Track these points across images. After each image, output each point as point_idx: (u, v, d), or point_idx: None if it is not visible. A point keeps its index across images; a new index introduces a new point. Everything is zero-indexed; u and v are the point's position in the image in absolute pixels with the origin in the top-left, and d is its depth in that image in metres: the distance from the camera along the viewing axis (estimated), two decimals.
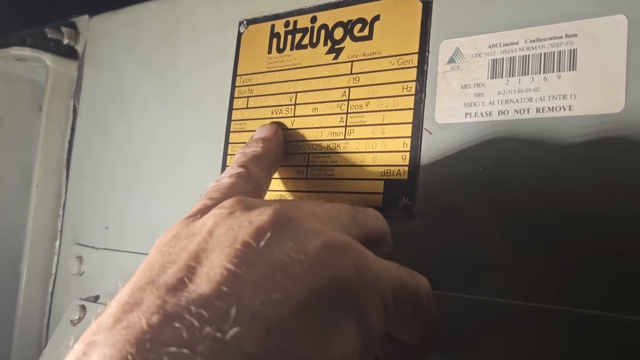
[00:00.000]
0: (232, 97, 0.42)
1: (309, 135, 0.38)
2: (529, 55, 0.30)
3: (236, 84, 0.42)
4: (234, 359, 0.17)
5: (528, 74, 0.30)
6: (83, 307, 0.47)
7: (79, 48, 0.57)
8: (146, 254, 0.23)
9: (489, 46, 0.31)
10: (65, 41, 0.56)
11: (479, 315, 0.30)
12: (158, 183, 0.46)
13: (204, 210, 0.25)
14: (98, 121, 0.53)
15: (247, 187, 0.31)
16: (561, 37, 0.29)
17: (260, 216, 0.22)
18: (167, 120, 0.47)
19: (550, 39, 0.30)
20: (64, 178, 0.55)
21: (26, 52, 0.54)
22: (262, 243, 0.21)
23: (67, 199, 0.54)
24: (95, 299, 0.48)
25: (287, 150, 0.38)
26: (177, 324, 0.18)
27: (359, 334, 0.21)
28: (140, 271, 0.21)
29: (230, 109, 0.42)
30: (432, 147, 0.33)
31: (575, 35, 0.29)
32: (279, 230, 0.21)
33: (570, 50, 0.29)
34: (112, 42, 0.53)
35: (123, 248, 0.48)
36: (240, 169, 0.32)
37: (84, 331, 0.19)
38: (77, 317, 0.46)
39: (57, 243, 0.54)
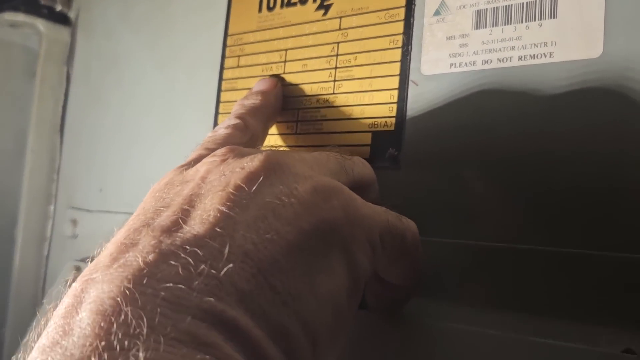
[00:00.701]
0: (223, 57, 0.43)
1: (299, 91, 0.38)
2: (511, 5, 0.31)
3: (227, 44, 0.43)
4: (228, 293, 0.18)
5: (511, 23, 0.31)
6: (78, 268, 0.48)
7: (71, 15, 0.57)
8: None
9: None
10: (58, 7, 0.56)
11: (465, 259, 0.31)
12: (151, 144, 0.47)
13: (197, 159, 0.26)
14: (91, 87, 0.54)
15: (243, 139, 0.32)
16: None
17: (252, 162, 0.22)
18: (160, 82, 0.47)
19: None
20: (58, 143, 0.55)
21: (19, 17, 0.54)
22: (254, 187, 0.21)
23: (62, 163, 0.55)
24: (91, 260, 0.49)
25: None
26: (172, 262, 0.18)
27: (347, 272, 0.22)
28: (135, 215, 0.22)
29: (222, 68, 0.43)
30: (419, 99, 0.33)
31: None
32: (270, 175, 0.22)
33: None
34: (105, 9, 0.54)
35: (117, 209, 0.49)
36: (237, 121, 0.32)
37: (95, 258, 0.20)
38: (72, 278, 0.47)
39: (52, 207, 0.55)
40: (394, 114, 0.34)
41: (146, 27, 0.50)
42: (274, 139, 0.39)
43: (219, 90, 0.43)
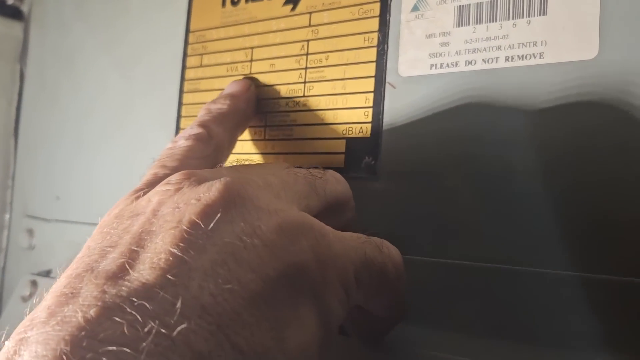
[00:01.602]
0: (184, 55, 0.40)
1: (267, 93, 0.35)
2: (497, 0, 0.28)
3: (189, 41, 0.39)
4: (182, 356, 0.15)
5: (496, 21, 0.28)
6: (34, 283, 0.45)
7: (24, 8, 0.53)
8: None
9: None
10: (10, 1, 0.52)
11: (446, 280, 0.28)
12: (110, 149, 0.44)
13: (153, 182, 0.23)
14: (47, 85, 0.50)
15: (206, 151, 0.29)
16: None
17: (208, 192, 0.20)
18: (118, 80, 0.44)
19: None
20: (13, 147, 0.52)
21: None
22: (211, 224, 0.18)
23: (17, 169, 0.51)
24: (47, 273, 0.45)
25: None
26: (117, 319, 0.16)
27: (318, 321, 0.20)
28: (80, 257, 0.19)
29: (183, 67, 0.40)
30: (396, 102, 0.30)
31: None
32: (230, 209, 0.19)
33: None
34: (60, 2, 0.50)
35: (75, 219, 0.45)
36: (200, 130, 0.29)
37: (33, 309, 0.17)
38: (27, 293, 0.44)
39: (7, 216, 0.51)
40: (369, 119, 0.31)
41: (102, 23, 0.46)
42: (240, 145, 0.36)
43: (181, 91, 0.39)
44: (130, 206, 0.21)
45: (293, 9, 0.35)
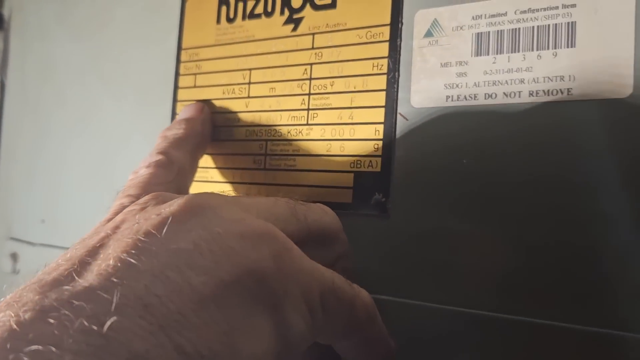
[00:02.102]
0: (177, 74, 0.37)
1: (267, 119, 0.33)
2: (519, 28, 0.26)
3: (181, 59, 0.37)
4: (113, 354, 0.15)
5: (519, 51, 0.26)
6: None
7: (5, 13, 0.50)
8: None
9: (473, 17, 0.27)
10: None
11: (455, 329, 0.26)
12: (99, 171, 0.41)
13: (119, 211, 0.23)
14: (29, 99, 0.47)
15: (168, 177, 0.28)
16: (557, 8, 0.25)
17: (170, 207, 0.20)
18: (106, 99, 0.41)
19: (545, 9, 0.25)
20: None
21: None
22: (169, 232, 0.18)
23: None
24: None
25: (242, 136, 0.34)
26: (51, 320, 0.15)
27: (276, 334, 0.19)
28: (35, 276, 0.19)
29: (176, 87, 0.37)
30: (409, 135, 0.28)
31: (573, 5, 0.25)
32: (190, 219, 0.19)
33: (569, 23, 0.25)
34: (41, 9, 0.47)
35: (63, 244, 0.43)
36: (160, 157, 0.29)
37: None
38: None
39: None
40: (379, 152, 0.29)
41: (87, 34, 0.43)
42: (240, 174, 0.34)
43: (174, 113, 0.37)
44: (96, 229, 0.21)
45: (294, 29, 0.32)
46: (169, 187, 0.28)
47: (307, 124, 0.31)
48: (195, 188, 0.35)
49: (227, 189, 0.34)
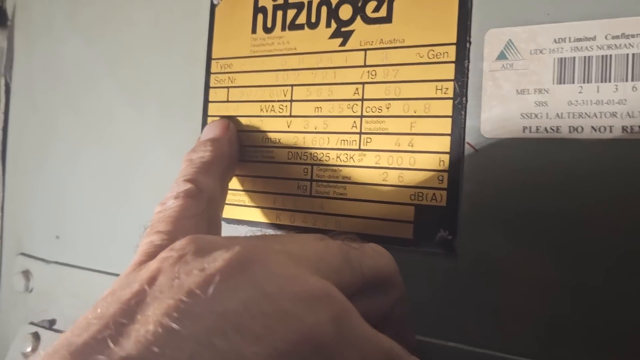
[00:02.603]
0: (207, 87, 0.34)
1: (312, 141, 0.30)
2: (610, 55, 0.23)
3: (212, 70, 0.34)
4: None
5: (610, 81, 0.23)
6: (36, 335, 0.40)
7: (8, 9, 0.46)
8: (109, 273, 0.17)
9: (555, 40, 0.24)
10: None
11: None
12: (116, 185, 0.39)
13: (151, 253, 0.21)
14: (37, 104, 0.44)
15: (199, 208, 0.26)
16: None
17: (214, 262, 0.17)
18: (126, 109, 0.38)
19: None
20: (0, 173, 0.46)
21: None
22: (212, 291, 0.16)
23: (5, 198, 0.46)
24: (50, 324, 0.40)
25: (283, 159, 0.31)
26: None
27: None
28: (63, 335, 0.17)
29: (206, 101, 0.34)
30: (479, 168, 0.26)
31: None
32: (237, 275, 0.17)
33: None
34: (49, 6, 0.44)
35: (80, 263, 0.40)
36: (188, 185, 0.27)
37: None
38: (29, 349, 0.39)
39: None
40: (445, 185, 0.27)
41: (101, 36, 0.40)
42: (280, 200, 0.31)
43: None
44: (127, 277, 0.19)
45: (343, 43, 0.30)
46: (201, 219, 0.26)
47: (360, 149, 0.29)
48: (228, 212, 0.33)
49: (267, 215, 0.31)
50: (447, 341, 0.26)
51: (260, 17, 0.32)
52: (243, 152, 0.32)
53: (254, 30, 0.33)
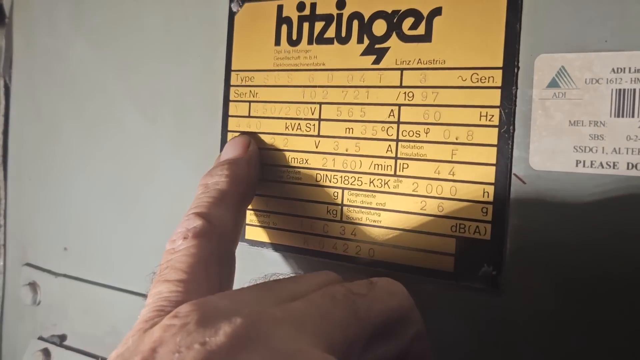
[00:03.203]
0: (226, 100, 0.32)
1: (342, 163, 0.29)
2: None
3: (231, 83, 0.32)
4: None
5: None
6: (46, 352, 0.38)
7: (5, 5, 0.44)
8: (122, 289, 0.20)
9: (613, 70, 0.23)
10: None
11: None
12: (131, 200, 0.37)
13: (160, 308, 0.21)
14: (40, 108, 0.42)
15: (209, 247, 0.25)
16: None
17: (215, 336, 0.17)
18: (137, 118, 0.36)
19: None
20: (2, 178, 0.44)
21: None
22: None
23: (8, 204, 0.44)
24: (61, 339, 0.39)
25: (311, 181, 0.30)
26: None
27: None
28: None
29: (225, 115, 0.32)
30: (527, 202, 0.24)
31: None
32: (239, 353, 0.17)
33: None
34: (51, 6, 0.41)
35: (90, 277, 0.39)
36: (198, 222, 0.25)
37: None
38: None
39: (1, 261, 0.44)
40: (489, 217, 0.25)
41: (109, 40, 0.38)
42: (308, 223, 0.30)
43: (224, 143, 0.32)
44: (133, 345, 0.19)
45: (377, 61, 0.28)
46: (211, 262, 0.24)
47: (395, 175, 0.27)
48: (253, 234, 0.31)
49: (294, 239, 0.30)
50: None
51: (284, 28, 0.30)
52: (266, 171, 0.31)
53: (277, 42, 0.31)
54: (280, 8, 0.31)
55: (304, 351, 0.17)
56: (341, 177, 0.29)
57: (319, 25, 0.29)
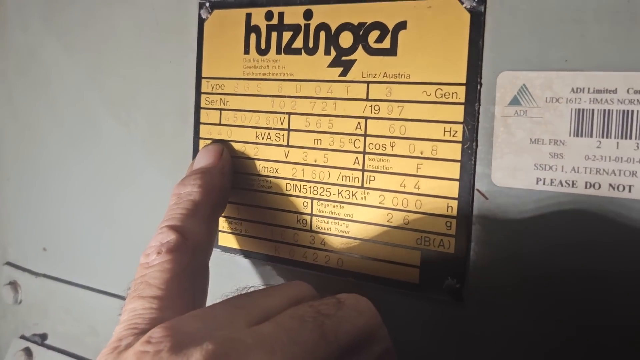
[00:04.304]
0: (197, 106, 0.32)
1: (311, 174, 0.29)
2: (632, 111, 0.22)
3: (202, 90, 0.32)
4: None
5: (631, 137, 0.22)
6: (28, 352, 0.39)
7: None
8: (100, 291, 0.20)
9: (573, 90, 0.23)
10: None
11: None
12: (107, 202, 0.37)
13: (133, 326, 0.21)
14: (17, 108, 0.42)
15: (184, 261, 0.25)
16: None
17: None
18: (111, 123, 0.36)
19: None
20: None
21: None
22: None
23: None
24: (42, 339, 0.40)
25: (281, 190, 0.30)
26: None
27: None
28: None
29: (197, 122, 0.32)
30: (489, 217, 0.25)
31: None
32: None
33: None
34: (23, 5, 0.41)
35: (69, 277, 0.39)
36: (172, 236, 0.25)
37: None
38: None
39: None
40: (453, 231, 0.26)
41: (81, 40, 0.38)
42: (279, 232, 0.30)
43: (195, 150, 0.33)
44: None
45: (344, 73, 0.28)
46: (184, 277, 0.24)
47: (362, 187, 0.28)
48: (226, 240, 0.32)
49: (265, 247, 0.30)
50: None
51: (253, 36, 0.30)
52: (238, 179, 0.31)
53: (246, 51, 0.31)
54: (248, 16, 0.30)
55: None
56: (310, 187, 0.29)
57: (286, 35, 0.29)
